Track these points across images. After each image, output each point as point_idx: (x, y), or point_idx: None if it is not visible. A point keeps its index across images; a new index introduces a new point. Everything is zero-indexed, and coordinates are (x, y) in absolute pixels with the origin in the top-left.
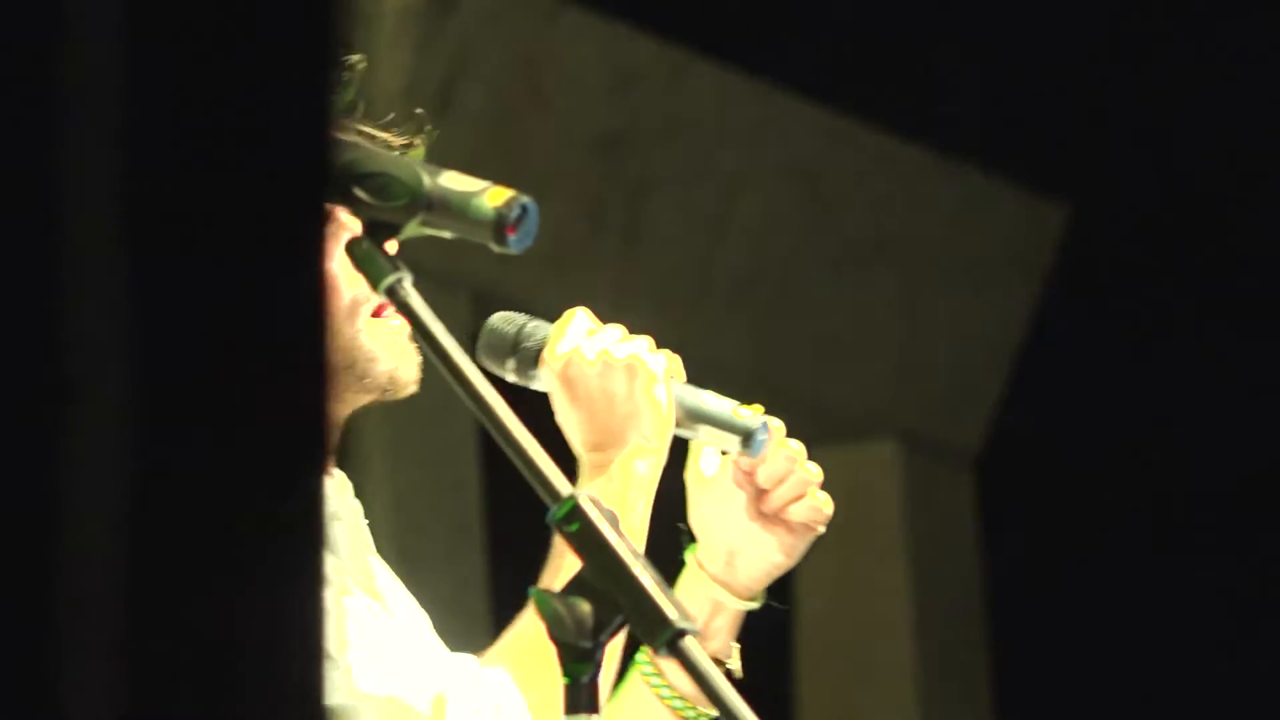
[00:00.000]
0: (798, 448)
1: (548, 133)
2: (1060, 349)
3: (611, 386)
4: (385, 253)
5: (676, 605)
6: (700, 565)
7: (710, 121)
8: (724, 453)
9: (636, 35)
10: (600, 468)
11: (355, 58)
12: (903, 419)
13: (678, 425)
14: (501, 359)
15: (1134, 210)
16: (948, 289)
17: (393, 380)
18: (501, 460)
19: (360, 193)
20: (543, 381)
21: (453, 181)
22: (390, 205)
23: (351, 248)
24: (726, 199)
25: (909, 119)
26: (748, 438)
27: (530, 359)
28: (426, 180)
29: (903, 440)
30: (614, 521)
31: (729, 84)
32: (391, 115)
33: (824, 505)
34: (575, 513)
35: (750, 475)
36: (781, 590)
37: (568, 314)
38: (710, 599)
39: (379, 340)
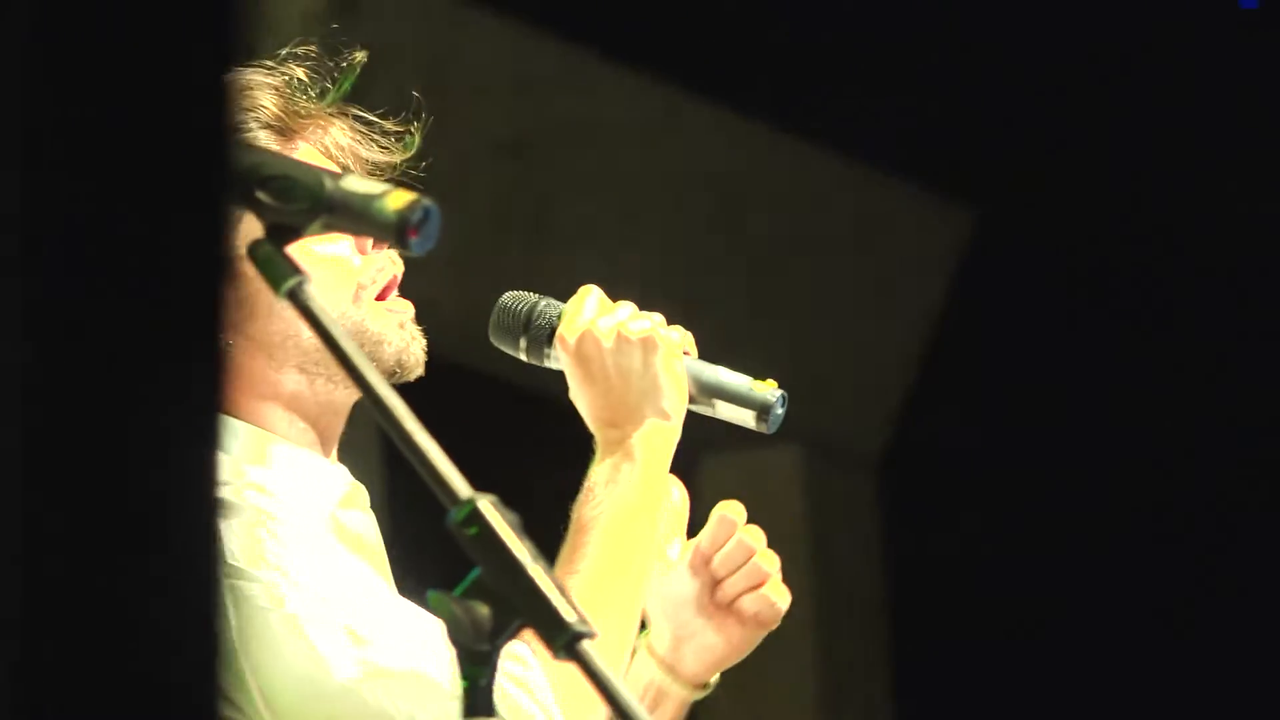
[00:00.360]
0: (758, 537)
1: (453, 135)
2: (964, 355)
3: (627, 362)
4: (287, 256)
5: (575, 609)
6: (650, 649)
7: (617, 125)
8: (748, 427)
9: (542, 38)
10: (616, 444)
11: (358, 54)
12: (806, 424)
13: (692, 401)
14: (514, 338)
15: (1039, 216)
16: (852, 293)
17: (400, 363)
18: (404, 462)
19: (263, 195)
20: (555, 360)
21: (355, 184)
22: (292, 208)
23: (253, 250)
24: (633, 202)
25: (815, 122)
26: (764, 411)
27: (543, 337)
28: (328, 183)
29: (805, 445)
30: (516, 525)
31: (635, 87)
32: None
33: (779, 599)
34: (474, 516)
35: (708, 561)
36: None
37: (581, 291)
38: (655, 686)
39: (385, 323)
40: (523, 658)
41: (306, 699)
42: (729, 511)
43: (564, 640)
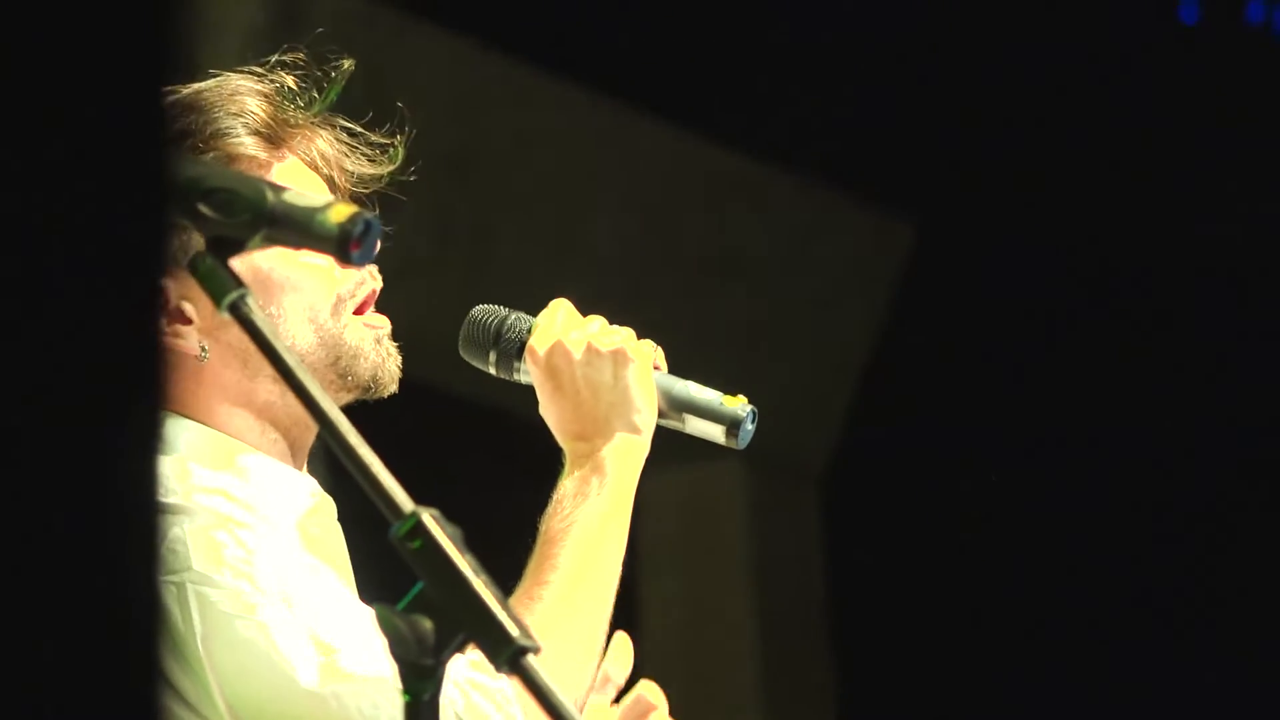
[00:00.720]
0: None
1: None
2: (904, 368)
3: (597, 375)
4: (229, 269)
5: (519, 623)
6: None
7: (557, 139)
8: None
9: (484, 53)
10: (585, 457)
11: (346, 62)
12: None
13: (662, 415)
14: (483, 352)
15: (979, 229)
16: (793, 307)
17: (375, 378)
18: (347, 476)
19: (204, 208)
20: (525, 374)
21: (296, 198)
22: (234, 221)
23: (195, 264)
24: (573, 216)
25: (755, 135)
26: (734, 426)
27: (513, 351)
28: (270, 196)
29: (747, 459)
30: (458, 539)
31: (576, 101)
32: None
33: None
34: (418, 529)
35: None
36: (626, 608)
37: (552, 304)
38: None
39: (362, 337)
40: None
41: (272, 705)
42: (648, 693)
43: (508, 654)
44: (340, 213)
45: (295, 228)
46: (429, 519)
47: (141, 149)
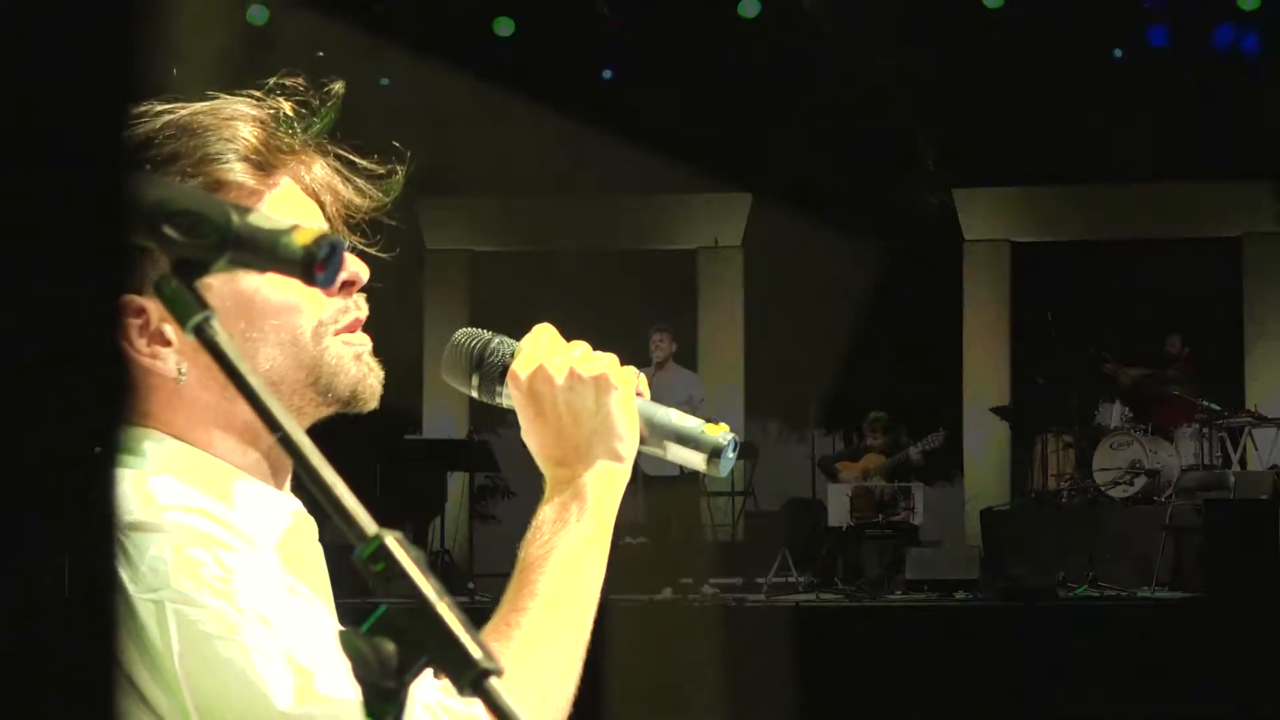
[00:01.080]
0: None
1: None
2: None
3: (579, 401)
4: (194, 290)
5: (482, 646)
6: None
7: (531, 159)
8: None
9: (455, 75)
10: (565, 483)
11: (337, 83)
12: None
13: (642, 442)
14: (465, 375)
15: (939, 248)
16: (773, 330)
17: (355, 393)
18: (310, 499)
19: (169, 230)
20: (507, 398)
21: (261, 220)
22: (199, 243)
23: (160, 286)
24: (548, 239)
25: (726, 162)
26: (715, 454)
27: (495, 375)
28: (235, 218)
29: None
30: (422, 561)
31: (548, 122)
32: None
33: None
34: (381, 552)
35: None
36: (599, 628)
37: (536, 329)
38: None
39: (341, 354)
40: None
41: None
42: None
43: (470, 677)
44: (305, 235)
45: (260, 250)
46: (392, 542)
47: (104, 170)
